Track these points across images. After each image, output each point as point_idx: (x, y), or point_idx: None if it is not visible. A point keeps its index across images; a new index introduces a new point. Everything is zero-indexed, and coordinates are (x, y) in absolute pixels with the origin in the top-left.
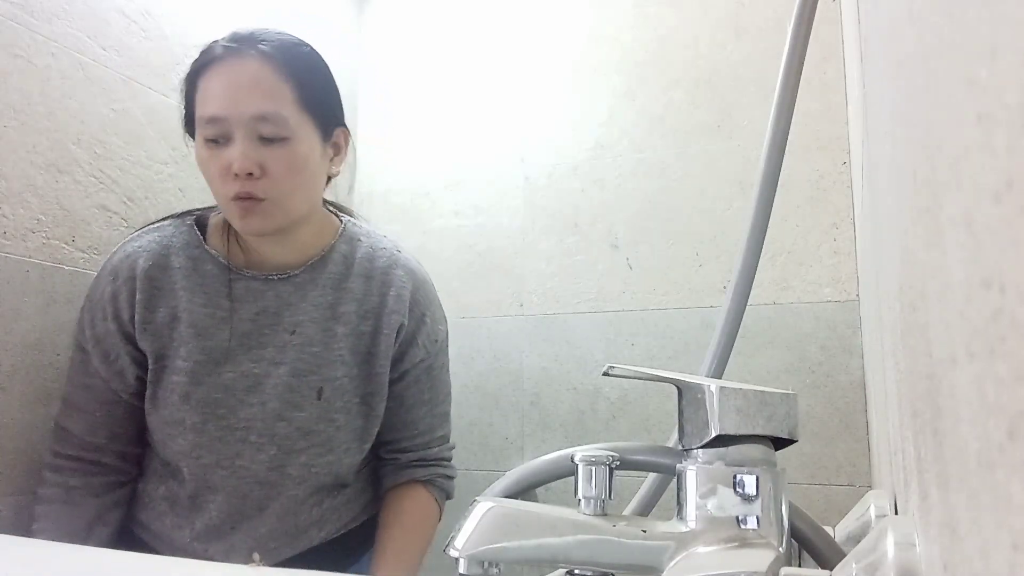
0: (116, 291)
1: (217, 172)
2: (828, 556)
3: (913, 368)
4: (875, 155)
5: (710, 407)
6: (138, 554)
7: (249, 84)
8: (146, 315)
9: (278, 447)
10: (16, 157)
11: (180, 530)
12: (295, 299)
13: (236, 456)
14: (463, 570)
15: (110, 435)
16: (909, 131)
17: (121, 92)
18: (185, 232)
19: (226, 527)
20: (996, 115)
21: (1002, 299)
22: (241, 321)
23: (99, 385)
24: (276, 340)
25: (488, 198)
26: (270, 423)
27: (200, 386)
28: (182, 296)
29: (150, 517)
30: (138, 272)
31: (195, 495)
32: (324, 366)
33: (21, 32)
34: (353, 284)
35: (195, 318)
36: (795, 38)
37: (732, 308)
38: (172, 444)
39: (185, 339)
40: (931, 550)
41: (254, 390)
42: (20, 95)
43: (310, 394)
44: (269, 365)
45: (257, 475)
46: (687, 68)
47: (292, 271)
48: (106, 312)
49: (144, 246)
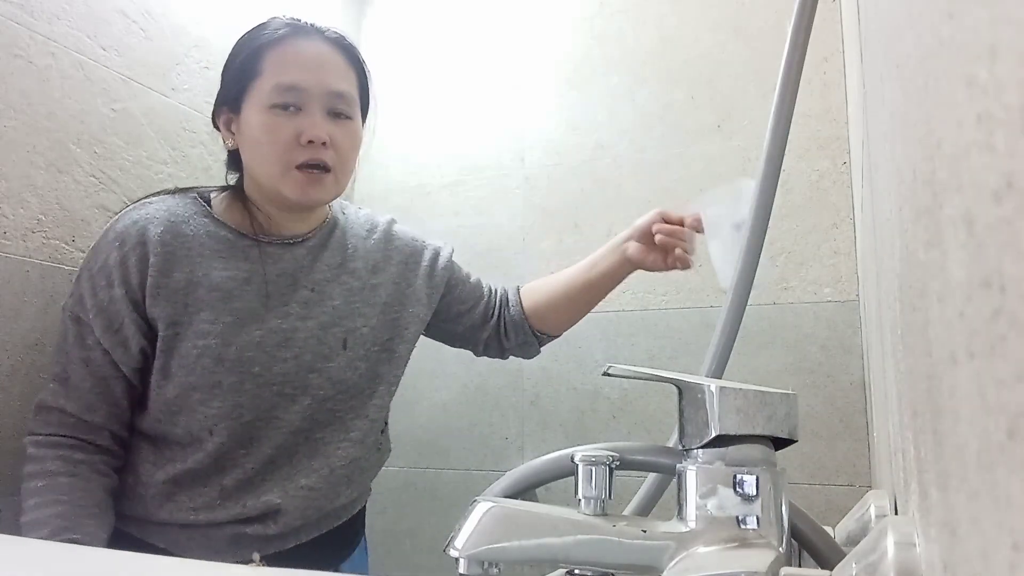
0: (124, 256)
1: (284, 138)
2: (828, 556)
3: (913, 368)
4: (875, 155)
5: (710, 407)
6: (138, 554)
7: (329, 62)
8: (160, 280)
9: (312, 397)
10: (16, 157)
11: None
12: (307, 261)
13: (273, 409)
14: (463, 570)
15: (107, 415)
16: (909, 131)
17: (121, 92)
18: (191, 204)
19: (258, 479)
20: (996, 115)
21: (1002, 299)
22: (264, 283)
23: (98, 358)
24: (298, 297)
25: (488, 198)
26: (304, 375)
27: (231, 347)
28: (199, 262)
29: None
30: (150, 237)
31: (223, 457)
32: (344, 318)
33: (21, 32)
34: (356, 243)
35: (217, 282)
36: (795, 38)
37: (732, 308)
38: (203, 410)
39: (208, 303)
40: (931, 550)
41: (285, 345)
42: (20, 95)
43: (336, 345)
44: (296, 320)
45: (292, 424)
46: (687, 68)
47: (304, 236)
48: (112, 278)
49: (152, 214)
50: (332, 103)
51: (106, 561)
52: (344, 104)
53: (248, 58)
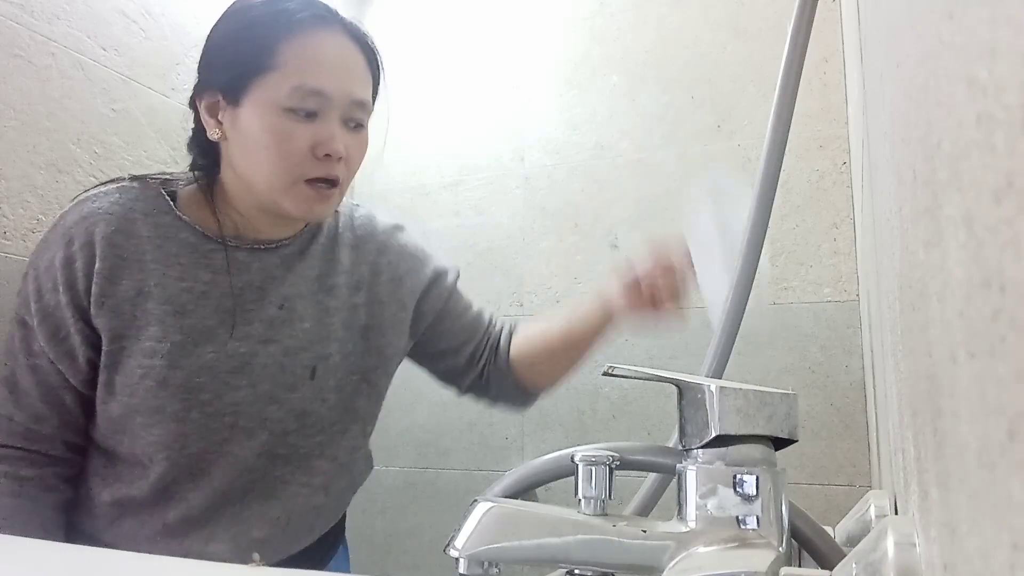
0: (70, 257)
1: (299, 148)
2: (828, 556)
3: (913, 368)
4: (875, 155)
5: (710, 407)
6: (138, 554)
7: (353, 67)
8: (106, 287)
9: (270, 432)
10: (16, 157)
11: (144, 529)
12: (281, 272)
13: (224, 443)
14: (463, 570)
15: (59, 424)
16: (909, 131)
17: (121, 92)
18: (152, 198)
19: (205, 517)
20: (996, 115)
21: (1002, 299)
22: (223, 296)
23: (45, 367)
24: (262, 316)
25: (488, 198)
26: (261, 406)
27: (178, 369)
28: (152, 269)
29: (99, 526)
30: (97, 238)
31: (167, 488)
32: (316, 343)
33: (21, 32)
34: (341, 255)
35: (169, 294)
36: (795, 38)
37: (732, 308)
38: (145, 436)
39: (157, 317)
40: (931, 550)
41: (241, 371)
42: (20, 95)
43: (303, 373)
44: (257, 343)
45: (246, 461)
46: (687, 68)
47: (279, 242)
48: (57, 282)
49: (104, 208)
50: (351, 112)
51: (106, 561)
52: (362, 113)
53: (260, 44)
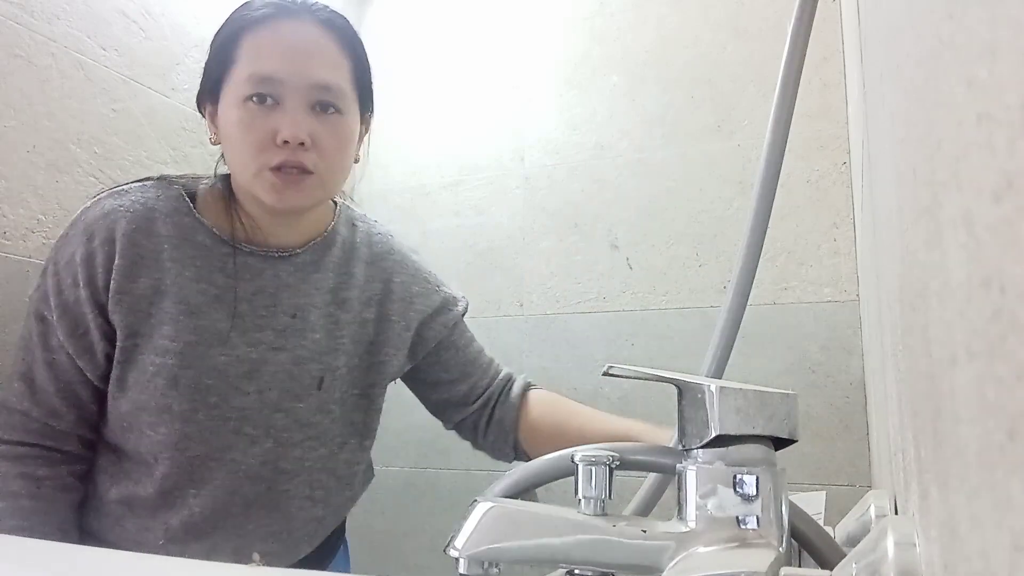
0: (91, 253)
1: (258, 137)
2: (828, 556)
3: (913, 368)
4: (875, 155)
5: (710, 407)
6: (138, 554)
7: (314, 50)
8: (124, 284)
9: (274, 440)
10: (16, 157)
11: (147, 532)
12: (295, 280)
13: (227, 449)
14: (463, 570)
15: (75, 420)
16: (909, 131)
17: (121, 92)
18: (173, 198)
19: (208, 526)
20: (996, 115)
21: (1002, 299)
22: (237, 300)
23: (63, 362)
24: (275, 323)
25: (488, 198)
26: (267, 414)
27: (189, 369)
28: (169, 268)
29: (104, 525)
30: (118, 234)
31: (170, 491)
32: (326, 354)
33: (21, 32)
34: (355, 269)
35: (185, 294)
36: (795, 38)
37: (732, 308)
38: (151, 434)
39: (172, 316)
40: (931, 550)
41: (251, 377)
42: (20, 95)
43: (311, 383)
44: (268, 350)
45: (249, 470)
46: (687, 68)
47: (294, 250)
48: (77, 277)
49: (126, 206)
50: (316, 96)
51: (106, 561)
52: (332, 96)
53: (226, 42)
